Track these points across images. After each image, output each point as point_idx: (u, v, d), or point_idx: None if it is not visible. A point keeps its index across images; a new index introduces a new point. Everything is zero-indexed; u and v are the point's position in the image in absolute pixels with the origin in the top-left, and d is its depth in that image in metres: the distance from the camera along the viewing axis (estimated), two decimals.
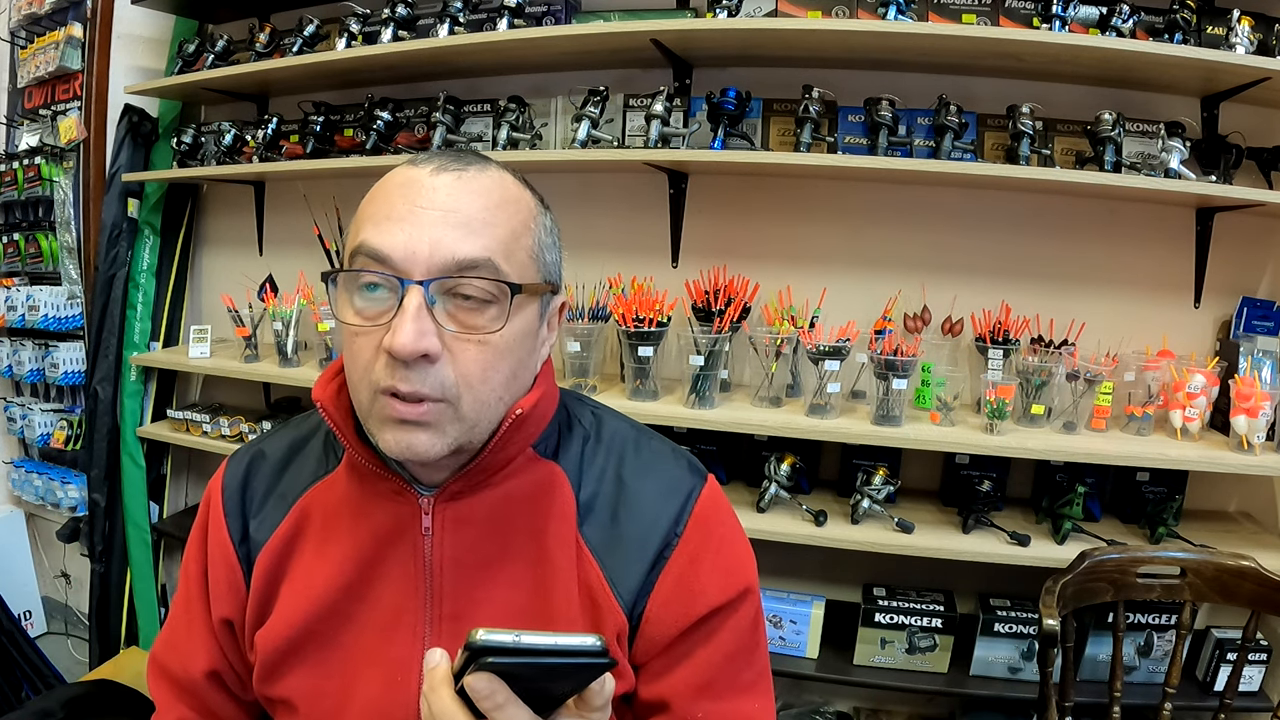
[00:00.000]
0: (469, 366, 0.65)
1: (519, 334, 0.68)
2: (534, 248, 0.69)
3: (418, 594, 0.73)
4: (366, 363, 0.65)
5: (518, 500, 0.74)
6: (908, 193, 1.80)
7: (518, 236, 0.67)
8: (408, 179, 0.66)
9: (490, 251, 0.64)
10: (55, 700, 1.62)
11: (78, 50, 2.31)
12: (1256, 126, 1.63)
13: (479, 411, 0.67)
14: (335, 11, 1.96)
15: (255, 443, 0.85)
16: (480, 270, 0.64)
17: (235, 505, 0.79)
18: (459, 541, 0.73)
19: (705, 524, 0.77)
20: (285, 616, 0.75)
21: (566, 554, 0.73)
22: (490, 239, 0.65)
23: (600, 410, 0.84)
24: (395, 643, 0.73)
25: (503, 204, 0.67)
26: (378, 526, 0.74)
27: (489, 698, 0.49)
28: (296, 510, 0.77)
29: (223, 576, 0.78)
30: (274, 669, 0.75)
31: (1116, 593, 1.39)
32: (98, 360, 2.27)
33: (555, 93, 1.96)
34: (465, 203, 0.65)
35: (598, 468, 0.78)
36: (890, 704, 1.93)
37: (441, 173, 0.66)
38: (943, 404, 1.63)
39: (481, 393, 0.66)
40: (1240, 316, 1.68)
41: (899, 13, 1.53)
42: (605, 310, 1.81)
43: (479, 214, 0.65)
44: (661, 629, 0.74)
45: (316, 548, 0.76)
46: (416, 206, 0.64)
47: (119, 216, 2.26)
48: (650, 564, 0.74)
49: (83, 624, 2.61)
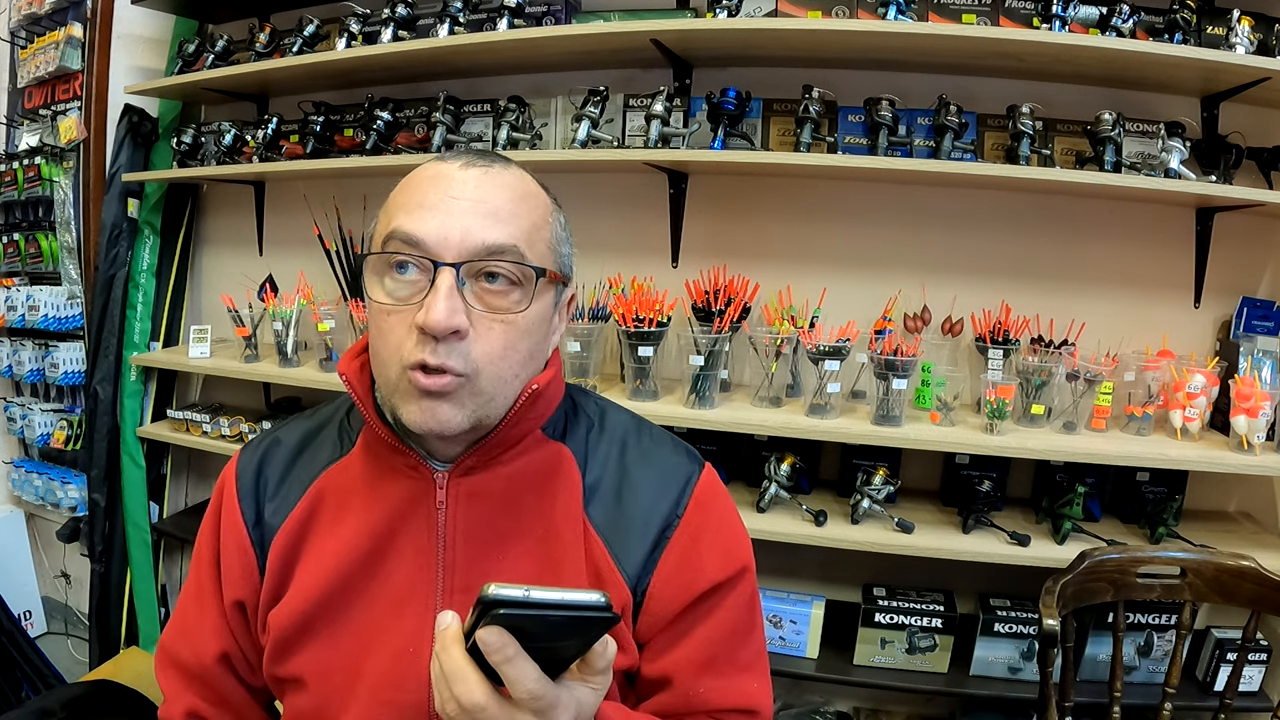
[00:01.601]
0: (492, 344, 0.69)
1: (538, 316, 0.73)
2: (551, 240, 0.75)
3: (431, 566, 0.75)
4: (398, 340, 0.68)
5: (528, 477, 0.77)
6: (908, 193, 1.80)
7: (538, 228, 0.73)
8: (438, 172, 0.71)
9: (516, 239, 0.69)
10: (55, 700, 1.62)
11: (78, 50, 2.31)
12: (1256, 126, 1.63)
13: (496, 386, 0.70)
14: (335, 11, 1.96)
15: (270, 432, 0.87)
16: (507, 255, 0.69)
17: (250, 490, 0.81)
18: (472, 515, 0.76)
19: (705, 506, 0.81)
20: (300, 593, 0.77)
21: (574, 531, 0.76)
22: (515, 228, 0.70)
23: (603, 402, 0.88)
24: (407, 616, 0.75)
25: (525, 198, 0.73)
26: (393, 501, 0.76)
27: (499, 650, 0.50)
28: (311, 492, 0.80)
29: (236, 560, 0.80)
30: (287, 647, 0.77)
31: (1116, 593, 1.39)
32: (98, 360, 2.28)
33: (555, 93, 1.96)
34: (493, 195, 0.70)
35: (602, 453, 0.81)
36: (890, 704, 1.93)
37: (470, 168, 0.71)
38: (943, 404, 1.63)
39: (501, 368, 0.70)
40: (1240, 316, 1.68)
41: (899, 13, 1.53)
42: (605, 310, 1.81)
43: (506, 205, 0.70)
44: (664, 605, 0.77)
45: (330, 526, 0.78)
46: (448, 196, 0.69)
47: (119, 216, 2.26)
48: (653, 543, 0.78)
49: (83, 624, 2.61)
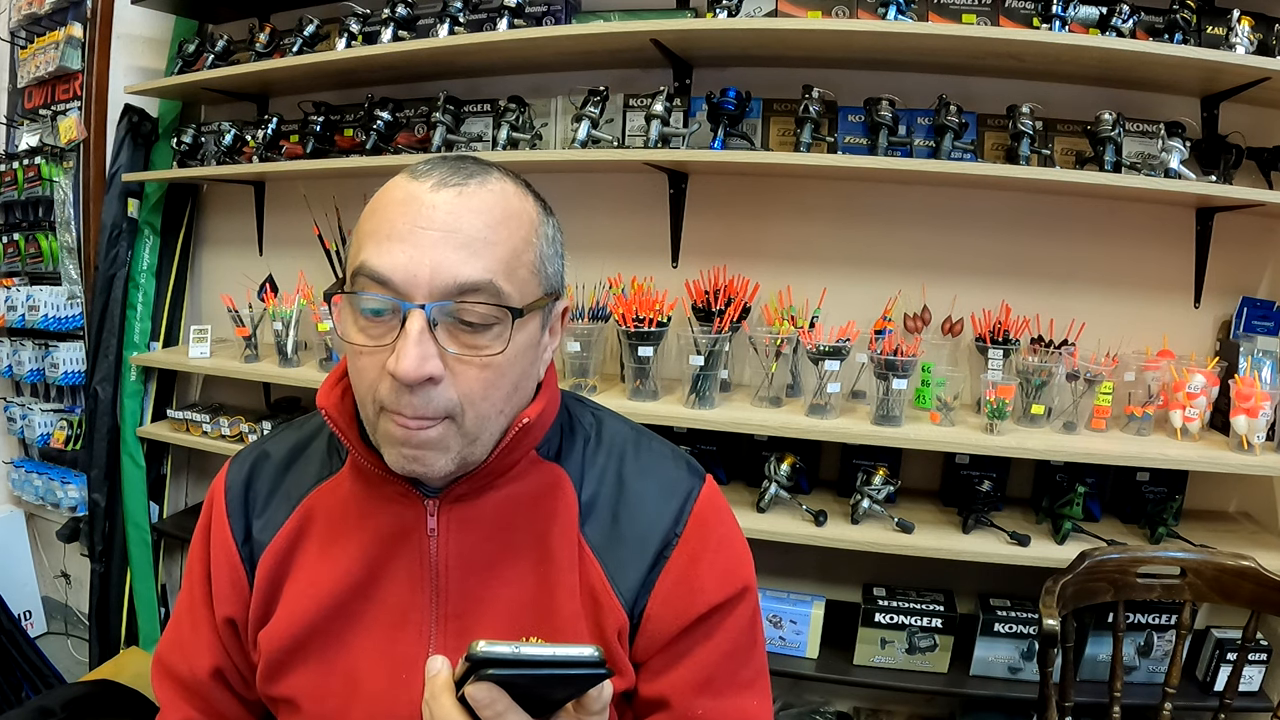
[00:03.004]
0: (471, 385, 0.65)
1: (521, 350, 0.67)
2: (536, 261, 0.68)
3: (423, 593, 0.74)
4: (371, 382, 0.65)
5: (521, 501, 0.75)
6: (908, 193, 1.80)
7: (519, 253, 0.66)
8: (407, 195, 0.65)
9: (492, 273, 0.63)
10: (55, 700, 1.62)
11: (78, 50, 2.31)
12: (1256, 126, 1.63)
13: (480, 425, 0.67)
14: (335, 11, 1.96)
15: (258, 444, 0.85)
16: (482, 294, 0.63)
17: (238, 505, 0.79)
18: (463, 542, 0.74)
19: (704, 523, 0.78)
20: (290, 615, 0.75)
21: (569, 554, 0.74)
22: (492, 259, 0.64)
23: (600, 412, 0.85)
24: (401, 642, 0.73)
25: (505, 220, 0.66)
26: (383, 527, 0.74)
27: (489, 706, 0.50)
28: (300, 511, 0.78)
29: (225, 576, 0.78)
30: (279, 668, 0.75)
31: (1116, 593, 1.39)
32: (98, 360, 2.27)
33: (555, 93, 1.96)
34: (466, 222, 0.64)
35: (598, 469, 0.78)
36: (890, 704, 1.93)
37: (442, 188, 0.64)
38: (943, 404, 1.63)
39: (483, 408, 0.66)
40: (1240, 316, 1.68)
41: (899, 13, 1.53)
42: (605, 310, 1.81)
43: (480, 233, 0.64)
44: (662, 626, 0.75)
45: (321, 548, 0.76)
46: (417, 226, 0.63)
47: (119, 216, 2.26)
48: (651, 563, 0.75)
49: (83, 624, 2.61)
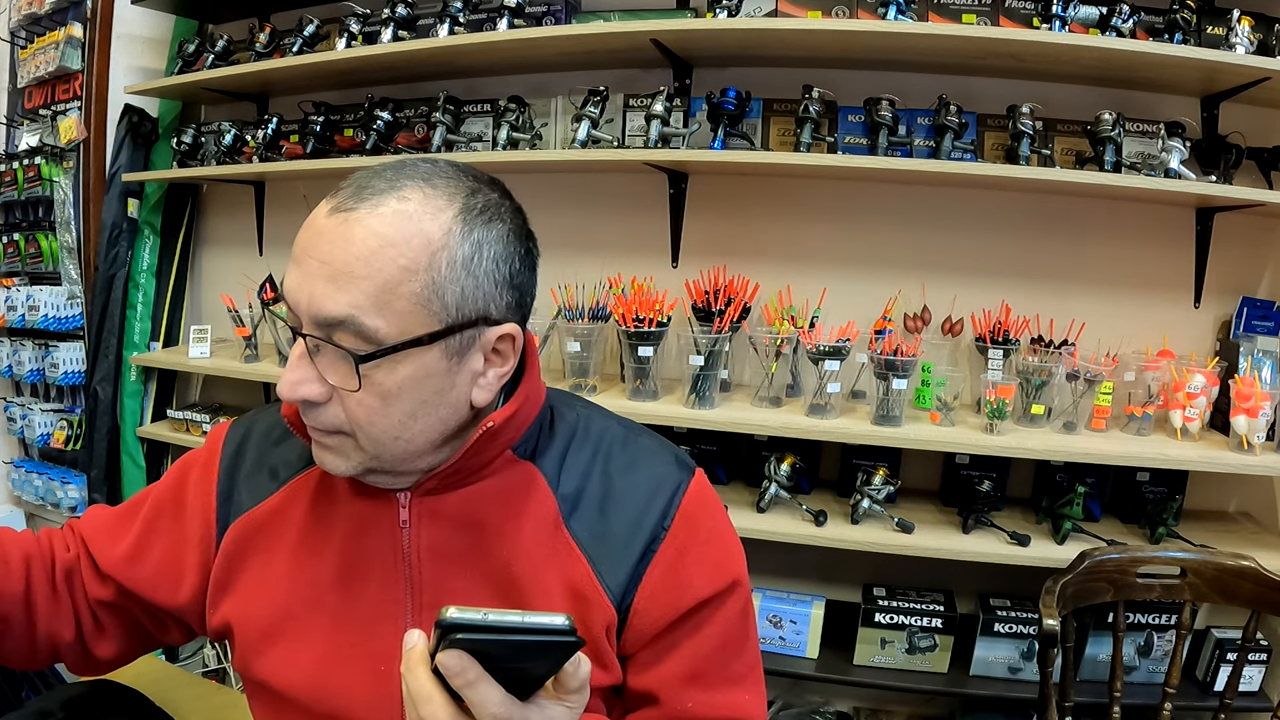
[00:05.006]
0: (354, 410, 0.66)
1: (410, 380, 0.66)
2: (422, 292, 0.64)
3: (399, 585, 0.75)
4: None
5: (489, 497, 0.75)
6: (908, 193, 1.80)
7: (395, 285, 0.63)
8: (313, 217, 0.66)
9: (355, 308, 0.62)
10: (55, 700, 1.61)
11: (78, 50, 2.31)
12: (1256, 126, 1.63)
13: (378, 446, 0.68)
14: (335, 11, 1.96)
15: (251, 415, 0.87)
16: (343, 328, 0.63)
17: (229, 466, 0.82)
18: (434, 534, 0.75)
19: (693, 517, 0.77)
20: (265, 596, 0.76)
21: (545, 549, 0.74)
22: (357, 293, 0.62)
23: (588, 409, 0.84)
24: (379, 635, 0.74)
25: (380, 249, 0.62)
26: (359, 519, 0.76)
27: (460, 674, 0.50)
28: (283, 493, 0.79)
29: (196, 519, 0.81)
30: (255, 651, 0.77)
31: (1116, 593, 1.39)
32: (98, 360, 2.28)
33: (555, 93, 1.96)
34: (340, 252, 0.62)
35: (583, 464, 0.78)
36: (890, 704, 1.93)
37: (335, 213, 0.64)
38: (943, 404, 1.63)
39: (372, 433, 0.67)
40: (1240, 316, 1.68)
41: (899, 13, 1.53)
42: (605, 310, 1.81)
43: (348, 266, 0.62)
44: (650, 621, 0.75)
45: (299, 535, 0.77)
46: (307, 253, 0.64)
47: (119, 216, 2.26)
48: (638, 557, 0.75)
49: None
